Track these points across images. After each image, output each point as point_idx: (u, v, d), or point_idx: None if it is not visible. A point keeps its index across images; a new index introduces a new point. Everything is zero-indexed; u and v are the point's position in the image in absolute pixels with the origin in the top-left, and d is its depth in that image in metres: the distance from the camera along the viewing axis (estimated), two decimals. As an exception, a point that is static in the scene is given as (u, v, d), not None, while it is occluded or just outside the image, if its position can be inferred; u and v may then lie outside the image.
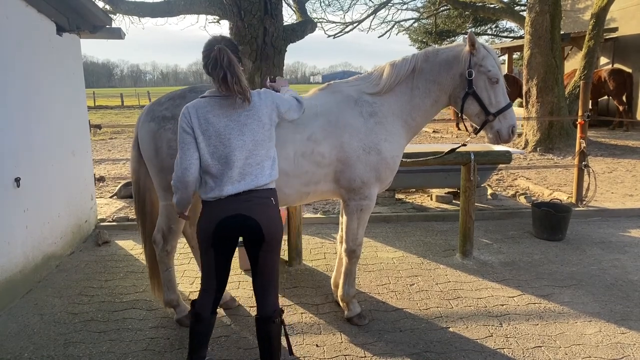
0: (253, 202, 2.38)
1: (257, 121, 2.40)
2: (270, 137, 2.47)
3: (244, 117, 2.38)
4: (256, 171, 2.39)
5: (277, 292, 2.57)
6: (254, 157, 2.39)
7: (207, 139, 2.35)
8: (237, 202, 2.36)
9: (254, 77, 6.51)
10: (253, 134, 2.38)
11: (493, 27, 24.82)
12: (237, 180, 2.36)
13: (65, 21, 4.89)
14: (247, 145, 2.36)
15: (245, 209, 2.37)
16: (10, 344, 3.22)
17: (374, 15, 18.74)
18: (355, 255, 3.40)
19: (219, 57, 2.28)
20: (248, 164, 2.37)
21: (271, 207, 2.44)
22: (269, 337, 2.51)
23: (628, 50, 15.09)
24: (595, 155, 10.12)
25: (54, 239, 4.55)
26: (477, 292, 3.93)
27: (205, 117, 2.35)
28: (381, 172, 3.19)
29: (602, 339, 3.20)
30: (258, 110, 2.42)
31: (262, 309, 2.51)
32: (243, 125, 2.37)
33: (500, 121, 3.17)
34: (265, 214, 2.40)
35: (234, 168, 2.35)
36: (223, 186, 2.35)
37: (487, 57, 3.13)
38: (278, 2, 6.61)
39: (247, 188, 2.36)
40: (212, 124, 2.34)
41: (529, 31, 10.99)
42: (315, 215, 6.09)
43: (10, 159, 3.83)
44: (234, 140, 2.34)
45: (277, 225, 2.46)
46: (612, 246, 4.95)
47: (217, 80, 2.32)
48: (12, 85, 3.91)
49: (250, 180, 2.37)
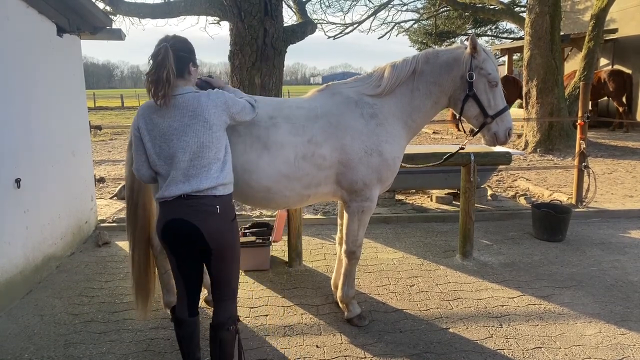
0: (196, 209, 2.32)
1: (202, 122, 2.32)
2: (219, 138, 2.39)
3: (188, 117, 2.32)
4: (202, 173, 2.33)
5: (234, 300, 2.53)
6: (199, 159, 2.32)
7: (152, 139, 2.34)
8: (182, 206, 2.32)
9: (254, 78, 6.52)
10: (197, 135, 2.31)
11: (493, 28, 24.81)
12: (181, 181, 2.31)
13: (66, 22, 4.90)
14: (190, 146, 2.30)
15: (187, 214, 2.32)
16: (10, 345, 3.22)
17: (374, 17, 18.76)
18: (355, 257, 3.40)
19: (156, 54, 2.27)
20: (193, 165, 2.32)
21: (215, 215, 2.35)
22: (220, 345, 2.46)
23: (628, 51, 15.10)
24: (595, 156, 10.13)
25: (54, 240, 4.56)
26: (477, 293, 3.93)
27: (150, 118, 2.34)
28: (382, 173, 3.20)
29: (602, 340, 3.20)
30: (204, 111, 2.34)
31: (215, 316, 2.48)
32: (186, 126, 2.31)
33: (497, 124, 3.21)
34: (208, 222, 2.33)
35: (177, 169, 2.31)
36: (168, 186, 2.33)
37: (487, 60, 3.16)
38: (278, 4, 6.62)
39: (192, 190, 2.31)
40: (157, 125, 2.33)
41: (529, 32, 11.00)
42: (315, 216, 6.09)
43: (11, 159, 3.83)
44: (176, 141, 2.31)
45: (223, 234, 2.38)
46: (612, 247, 4.95)
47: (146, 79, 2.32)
48: (13, 86, 3.91)
49: (195, 183, 2.31)
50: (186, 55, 2.39)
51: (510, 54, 18.54)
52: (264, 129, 3.01)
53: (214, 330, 2.47)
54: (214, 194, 2.36)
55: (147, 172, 2.43)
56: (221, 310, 2.48)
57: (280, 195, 3.10)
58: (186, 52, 2.39)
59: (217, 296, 2.49)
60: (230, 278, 2.48)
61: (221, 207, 2.38)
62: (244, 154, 2.96)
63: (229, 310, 2.49)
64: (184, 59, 2.37)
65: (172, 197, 2.32)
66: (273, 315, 3.60)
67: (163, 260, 3.34)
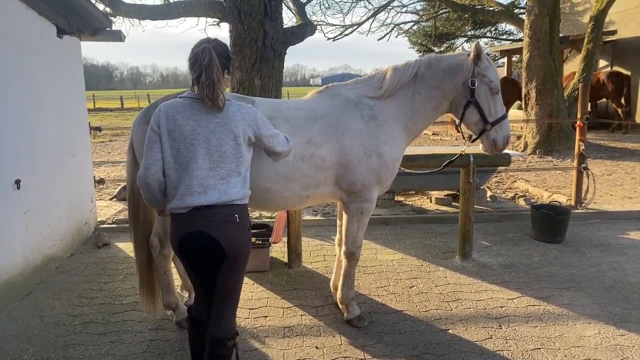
0: (213, 219, 2.22)
1: (227, 131, 2.24)
2: (241, 152, 2.29)
3: (214, 124, 2.24)
4: (220, 185, 2.23)
5: (235, 313, 2.44)
6: (218, 169, 2.23)
7: (171, 140, 2.23)
8: (197, 217, 2.22)
9: (253, 79, 6.53)
10: (220, 144, 2.23)
11: (492, 30, 24.83)
12: (197, 192, 2.21)
13: (66, 24, 4.90)
14: (211, 154, 2.22)
15: (205, 225, 2.22)
16: (9, 346, 3.22)
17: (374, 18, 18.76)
18: (355, 258, 3.41)
19: (201, 55, 2.20)
20: (211, 175, 2.22)
21: (234, 225, 2.26)
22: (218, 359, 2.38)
23: (627, 53, 15.13)
24: (594, 158, 10.13)
25: (53, 241, 4.56)
26: (477, 294, 3.93)
27: (173, 118, 2.24)
28: (381, 175, 3.21)
29: (601, 341, 3.20)
30: (231, 121, 2.26)
31: (214, 330, 2.36)
32: (211, 133, 2.23)
33: (496, 131, 3.26)
34: (227, 232, 2.24)
35: (193, 177, 2.21)
36: (183, 196, 2.22)
37: (489, 68, 3.20)
38: (278, 5, 6.62)
39: (209, 202, 2.21)
40: (180, 126, 2.23)
41: (528, 34, 11.02)
42: (314, 217, 6.09)
43: (11, 161, 3.83)
44: (197, 146, 2.21)
45: (241, 244, 2.30)
46: (611, 248, 4.96)
47: (192, 79, 2.25)
48: (12, 87, 3.92)
49: (213, 195, 2.22)
50: (225, 62, 2.33)
51: (509, 55, 18.57)
52: None
53: (212, 345, 2.36)
54: (235, 203, 2.29)
55: (157, 173, 2.27)
56: (222, 324, 2.37)
57: (279, 196, 3.10)
58: (225, 58, 2.33)
59: (218, 308, 2.36)
60: (235, 289, 2.39)
61: (240, 216, 2.29)
62: None
63: (228, 325, 2.38)
64: (224, 65, 2.31)
65: (188, 207, 2.22)
66: (272, 317, 3.61)
67: (162, 261, 3.34)
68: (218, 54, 2.26)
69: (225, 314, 2.38)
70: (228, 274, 2.32)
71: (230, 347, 2.38)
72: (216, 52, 2.24)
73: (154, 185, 2.30)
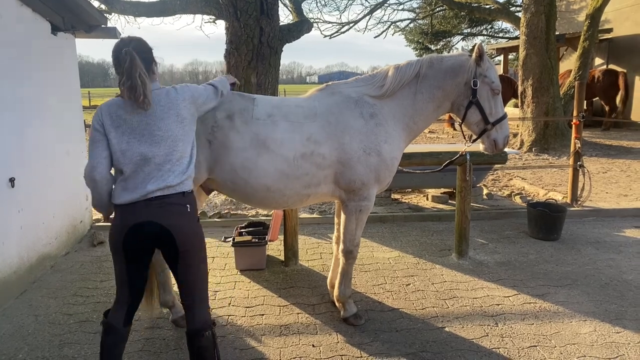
0: (166, 209, 2.24)
1: (174, 116, 2.30)
2: (189, 132, 2.36)
3: (160, 111, 2.27)
4: (175, 168, 2.28)
5: (206, 303, 2.44)
6: (173, 153, 2.28)
7: (119, 135, 2.24)
8: (150, 207, 2.23)
9: (250, 77, 6.51)
10: (170, 129, 2.27)
11: (488, 28, 24.87)
12: (155, 177, 2.24)
13: (60, 20, 4.87)
14: (164, 140, 2.25)
15: (158, 215, 2.23)
16: (4, 345, 3.20)
17: (370, 16, 18.76)
18: (352, 256, 3.40)
19: (122, 59, 2.22)
20: (168, 160, 2.26)
21: (186, 215, 2.30)
22: (199, 352, 2.38)
23: (623, 51, 15.18)
24: (590, 156, 10.17)
25: (48, 240, 4.53)
26: (473, 292, 3.94)
27: (117, 114, 2.26)
28: (380, 173, 3.20)
29: (596, 339, 3.21)
30: (176, 105, 2.32)
31: (190, 323, 2.39)
32: (159, 120, 2.26)
33: (497, 130, 3.29)
34: (180, 222, 2.27)
35: (149, 164, 2.24)
36: (136, 187, 2.24)
37: (490, 69, 3.23)
38: (274, 2, 6.60)
39: (165, 185, 2.24)
40: (126, 120, 2.24)
41: (525, 32, 11.04)
42: (311, 215, 6.09)
43: (4, 159, 3.80)
44: (149, 135, 2.24)
45: (194, 235, 2.33)
46: (606, 246, 4.98)
47: (120, 86, 2.25)
48: (6, 84, 3.88)
49: (170, 177, 2.26)
50: (149, 56, 2.36)
51: (505, 53, 18.62)
52: (262, 127, 3.02)
53: (191, 338, 2.38)
54: (183, 191, 2.31)
55: (104, 171, 2.28)
56: (195, 317, 2.39)
57: (280, 195, 3.09)
58: (148, 53, 2.36)
59: (187, 302, 2.40)
60: (199, 281, 2.39)
61: (191, 206, 2.34)
62: (243, 151, 2.96)
63: (202, 315, 2.40)
64: (148, 60, 2.34)
65: (139, 197, 2.22)
66: (269, 315, 3.60)
67: (159, 259, 3.32)
68: (139, 52, 2.27)
69: (196, 305, 2.39)
70: (186, 269, 2.34)
71: (208, 337, 2.39)
72: (137, 51, 2.25)
73: (101, 182, 2.31)
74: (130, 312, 2.44)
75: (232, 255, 4.59)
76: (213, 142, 2.97)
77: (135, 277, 2.39)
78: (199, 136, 2.95)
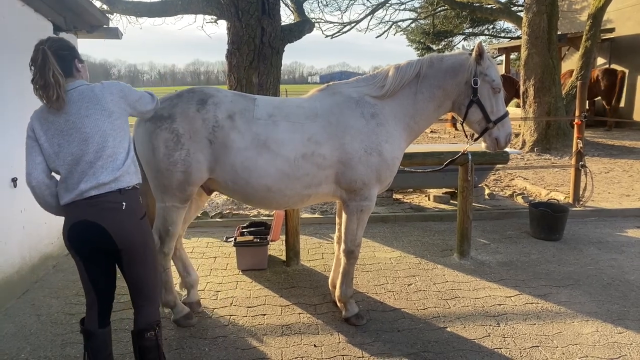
0: (100, 207, 2.23)
1: (100, 110, 2.25)
2: (121, 126, 2.30)
3: (85, 109, 2.23)
4: (108, 164, 2.24)
5: (154, 303, 2.43)
6: (104, 149, 2.24)
7: (50, 138, 2.22)
8: (84, 206, 2.22)
9: (251, 77, 6.51)
10: (98, 125, 2.23)
11: (490, 28, 24.82)
12: (89, 174, 2.21)
13: (62, 21, 4.87)
14: (93, 137, 2.22)
15: (91, 214, 2.22)
16: (7, 345, 3.21)
17: (372, 16, 18.76)
18: (354, 256, 3.40)
19: (35, 57, 2.18)
20: (99, 157, 2.23)
21: (121, 212, 2.26)
22: (140, 353, 2.37)
23: (625, 51, 15.15)
24: (592, 156, 10.15)
25: (50, 239, 4.54)
26: (475, 292, 3.93)
27: (45, 118, 2.24)
28: (382, 173, 3.20)
29: (599, 339, 3.21)
30: (100, 100, 2.27)
31: (135, 323, 2.39)
32: (85, 118, 2.22)
33: (499, 129, 3.28)
34: (114, 220, 2.24)
35: (81, 163, 2.21)
36: (73, 187, 2.22)
37: (491, 67, 3.22)
38: (276, 2, 6.61)
39: (100, 182, 2.21)
40: (53, 123, 2.22)
41: (527, 32, 11.01)
42: (313, 215, 6.09)
43: (7, 159, 3.81)
44: (77, 134, 2.21)
45: (131, 233, 2.29)
46: (609, 246, 4.97)
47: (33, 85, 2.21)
48: (8, 85, 3.90)
49: (104, 175, 2.22)
50: (68, 53, 2.31)
51: (507, 53, 18.57)
52: (263, 127, 3.02)
53: (134, 338, 2.38)
54: (119, 188, 2.27)
55: (40, 176, 2.26)
56: (140, 316, 2.38)
57: (281, 195, 3.10)
58: (67, 50, 2.31)
59: (134, 301, 2.39)
60: (144, 280, 2.38)
61: (127, 204, 2.29)
62: (243, 151, 2.96)
63: (147, 316, 2.38)
64: (66, 57, 2.29)
65: (75, 196, 2.21)
66: (271, 315, 3.60)
67: (162, 259, 3.32)
68: (54, 50, 2.22)
69: (142, 305, 2.40)
70: (130, 268, 2.33)
71: (151, 338, 2.37)
72: (52, 49, 2.21)
73: (39, 187, 2.29)
74: (102, 313, 2.42)
75: (233, 255, 4.59)
76: (214, 142, 2.97)
77: (96, 276, 2.36)
78: (200, 136, 2.96)
